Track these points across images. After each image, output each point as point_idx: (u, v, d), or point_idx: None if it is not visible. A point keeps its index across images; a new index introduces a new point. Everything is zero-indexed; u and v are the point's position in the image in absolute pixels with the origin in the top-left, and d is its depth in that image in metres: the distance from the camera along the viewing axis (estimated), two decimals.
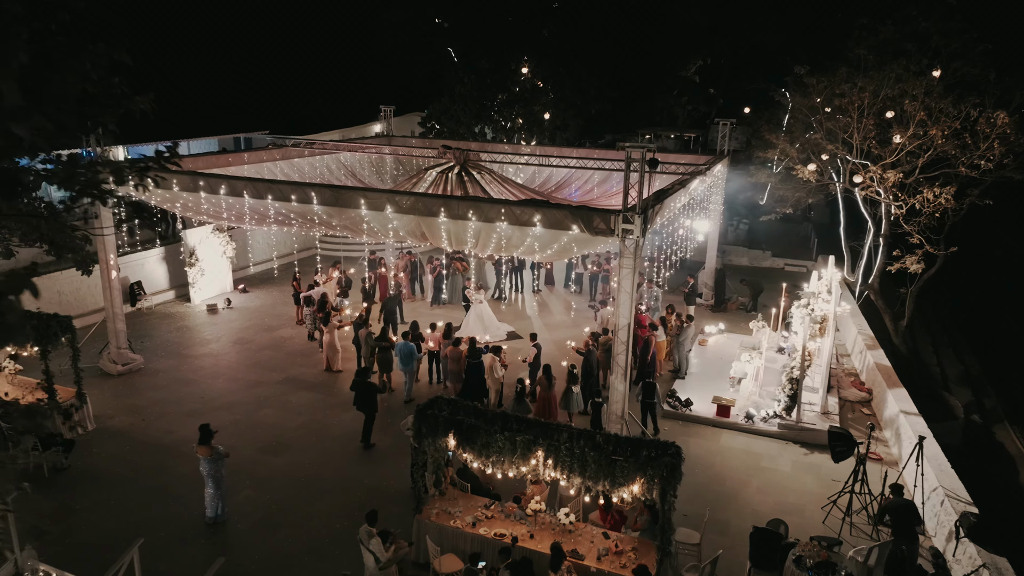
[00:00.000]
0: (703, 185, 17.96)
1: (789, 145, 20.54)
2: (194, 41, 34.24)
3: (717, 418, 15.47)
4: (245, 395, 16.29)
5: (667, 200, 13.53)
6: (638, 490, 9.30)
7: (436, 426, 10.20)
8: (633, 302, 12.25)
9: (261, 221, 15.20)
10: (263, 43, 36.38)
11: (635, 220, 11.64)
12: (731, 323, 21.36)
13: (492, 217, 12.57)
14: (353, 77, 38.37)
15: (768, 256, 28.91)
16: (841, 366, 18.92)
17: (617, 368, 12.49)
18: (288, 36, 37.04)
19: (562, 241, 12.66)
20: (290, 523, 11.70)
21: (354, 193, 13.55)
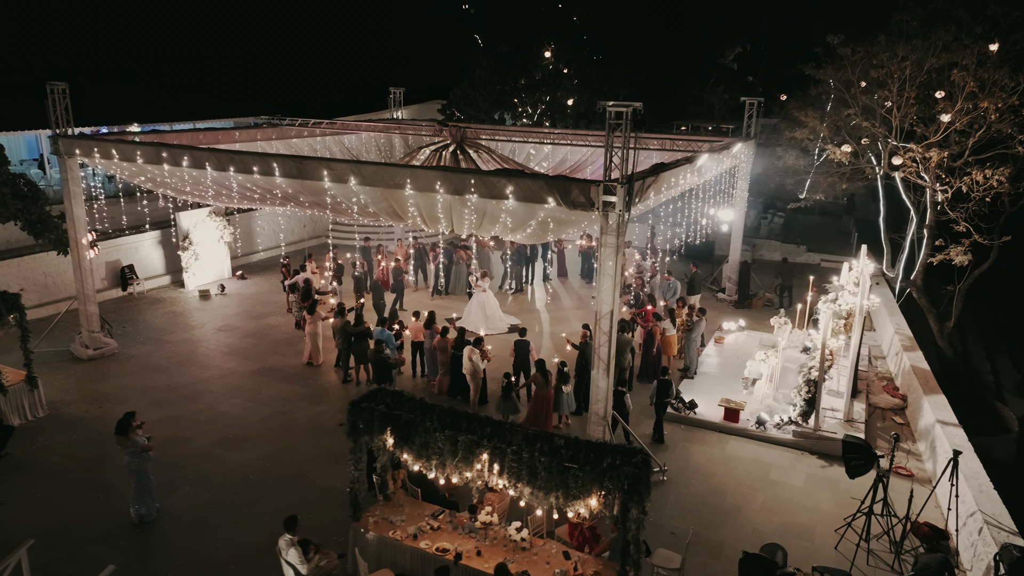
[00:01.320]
0: (718, 166, 16.21)
1: (820, 123, 18.54)
2: (218, 29, 33.77)
3: (724, 423, 13.77)
4: (215, 384, 15.24)
5: (664, 175, 11.92)
6: (596, 504, 7.77)
7: (372, 421, 8.85)
8: (617, 287, 10.70)
9: (226, 197, 14.11)
10: (284, 31, 35.72)
11: (618, 192, 10.09)
12: (755, 320, 19.51)
13: (461, 189, 11.17)
14: (375, 66, 37.42)
15: (803, 251, 26.79)
16: (874, 369, 16.94)
17: (598, 362, 10.96)
18: (308, 23, 36.27)
19: (539, 217, 11.18)
20: (224, 526, 10.50)
21: (317, 163, 12.31)
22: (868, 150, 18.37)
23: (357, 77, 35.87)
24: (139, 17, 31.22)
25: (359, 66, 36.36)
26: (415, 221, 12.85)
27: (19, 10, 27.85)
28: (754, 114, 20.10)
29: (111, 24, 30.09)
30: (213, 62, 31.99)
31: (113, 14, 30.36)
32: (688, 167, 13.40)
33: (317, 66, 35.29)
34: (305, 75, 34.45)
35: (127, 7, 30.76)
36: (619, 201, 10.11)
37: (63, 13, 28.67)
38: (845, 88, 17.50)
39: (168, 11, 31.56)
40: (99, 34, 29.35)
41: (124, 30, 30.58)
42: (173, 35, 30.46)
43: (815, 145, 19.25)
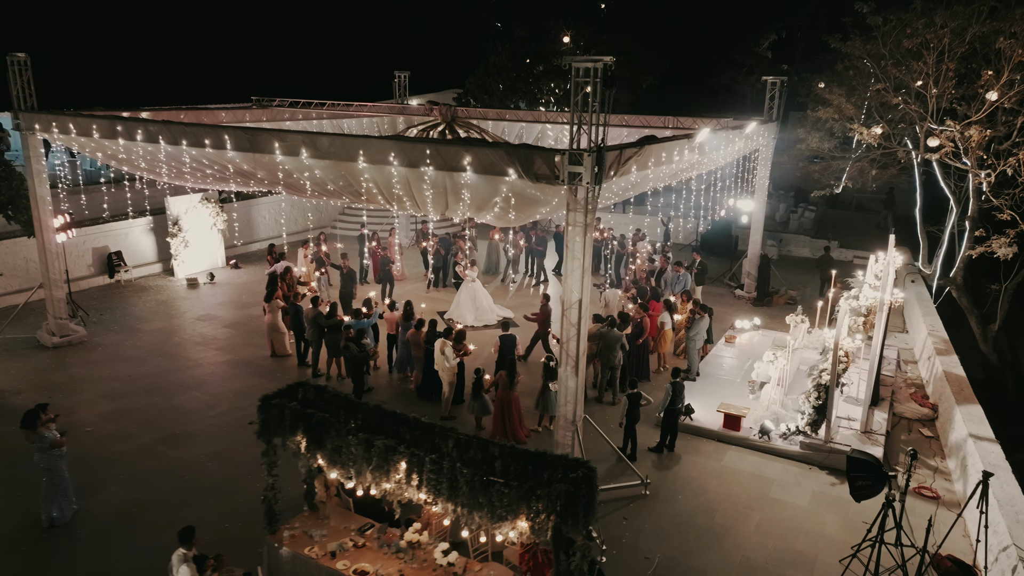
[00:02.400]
0: (728, 147, 14.62)
1: (846, 100, 16.75)
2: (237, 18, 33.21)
3: (724, 430, 12.25)
4: (178, 376, 14.29)
5: (651, 149, 10.47)
6: (526, 528, 6.44)
7: (282, 420, 7.66)
8: (586, 272, 9.31)
9: (179, 174, 13.13)
10: (300, 18, 35.01)
11: (585, 162, 8.71)
12: (774, 319, 17.84)
13: (416, 160, 9.92)
14: (390, 56, 36.50)
15: (835, 247, 24.81)
16: (903, 374, 15.17)
17: (566, 359, 9.58)
18: (320, 10, 35.48)
19: (502, 192, 9.86)
20: (145, 532, 9.44)
21: (269, 135, 11.18)
22: (901, 130, 16.54)
23: (372, 66, 34.99)
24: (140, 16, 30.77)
25: (373, 56, 35.45)
26: (377, 199, 11.65)
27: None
28: (777, 94, 18.42)
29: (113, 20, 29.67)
30: (212, 48, 31.35)
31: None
32: (685, 143, 11.92)
33: (328, 56, 34.48)
34: (314, 66, 33.66)
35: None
36: (586, 172, 8.73)
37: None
38: (875, 62, 15.72)
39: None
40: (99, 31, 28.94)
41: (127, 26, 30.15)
42: (172, 23, 29.95)
43: (841, 127, 17.42)
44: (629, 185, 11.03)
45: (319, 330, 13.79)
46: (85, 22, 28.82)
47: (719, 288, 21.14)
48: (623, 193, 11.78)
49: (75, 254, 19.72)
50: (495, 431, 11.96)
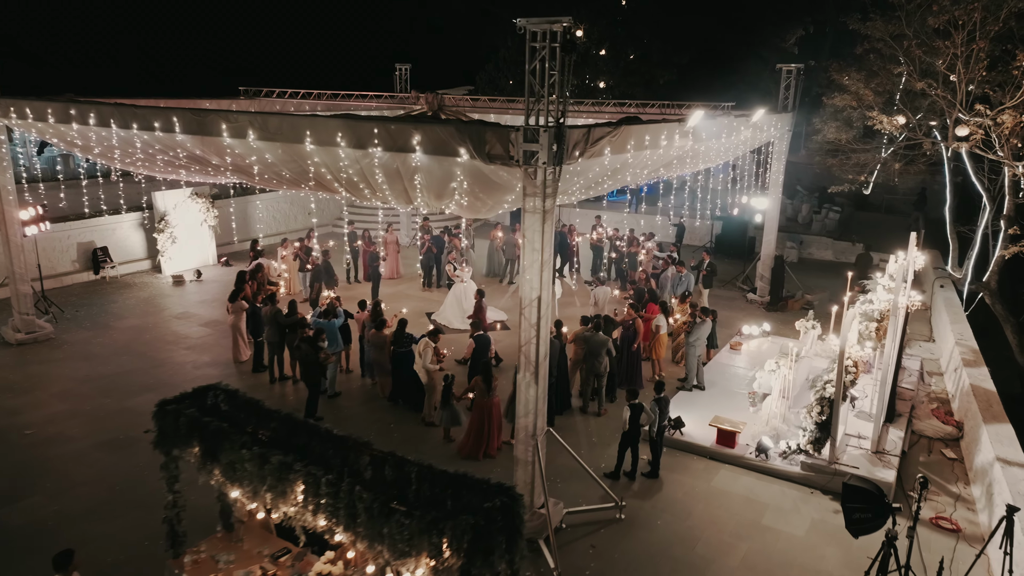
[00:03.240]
0: (731, 136, 13.35)
1: (864, 86, 15.34)
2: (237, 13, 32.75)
3: (716, 447, 11.01)
4: (138, 376, 13.49)
5: (629, 131, 9.32)
6: (432, 565, 5.34)
7: (177, 429, 6.68)
8: (547, 265, 8.20)
9: (131, 160, 12.34)
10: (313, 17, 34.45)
11: (542, 139, 7.61)
12: (786, 325, 16.47)
13: (364, 140, 8.91)
14: (403, 50, 35.75)
15: (859, 249, 23.26)
16: (925, 387, 13.73)
17: (525, 364, 8.46)
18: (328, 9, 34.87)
19: (457, 177, 8.82)
20: (52, 548, 8.49)
21: (216, 116, 10.28)
22: (927, 120, 15.08)
23: (386, 63, 34.26)
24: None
25: (383, 53, 34.68)
26: (333, 186, 10.69)
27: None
28: (792, 83, 17.08)
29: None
30: (214, 42, 30.85)
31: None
32: (675, 127, 10.73)
33: (339, 53, 33.82)
34: (326, 62, 33.01)
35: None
36: (543, 152, 7.63)
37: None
38: (897, 43, 14.31)
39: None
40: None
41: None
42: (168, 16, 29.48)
43: (860, 115, 15.98)
44: (606, 172, 9.84)
45: (278, 330, 12.87)
46: (80, 11, 28.46)
47: (731, 292, 19.82)
48: (599, 182, 10.57)
49: (58, 249, 19.21)
50: (467, 442, 10.90)
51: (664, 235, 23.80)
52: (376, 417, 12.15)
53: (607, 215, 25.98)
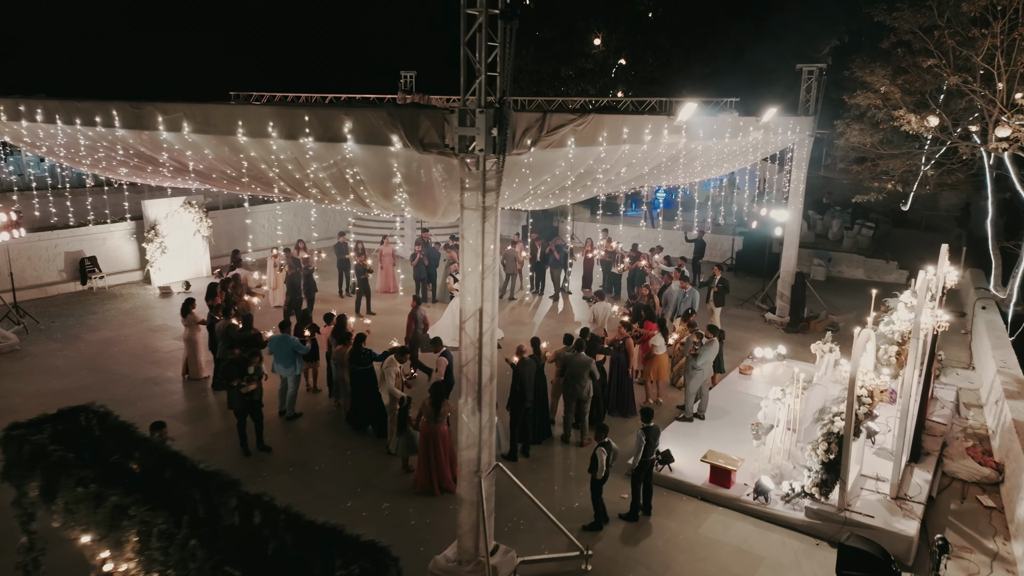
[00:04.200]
0: (739, 140, 11.99)
1: (890, 83, 13.82)
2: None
3: (709, 487, 9.58)
4: (90, 393, 12.52)
5: (601, 120, 8.11)
6: None
7: (20, 459, 5.62)
8: (491, 272, 6.98)
9: (76, 158, 11.56)
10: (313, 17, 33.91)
11: (478, 121, 6.44)
12: (805, 347, 14.87)
13: (295, 130, 7.86)
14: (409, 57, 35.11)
15: (893, 268, 21.52)
16: (962, 421, 12.07)
17: (467, 385, 7.23)
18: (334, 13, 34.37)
19: (396, 172, 7.70)
20: None
21: (152, 108, 9.39)
22: (964, 121, 13.50)
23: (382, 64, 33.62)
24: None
25: (378, 53, 34.01)
26: (279, 185, 9.68)
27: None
28: (813, 85, 15.67)
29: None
30: (209, 44, 30.40)
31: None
32: (663, 120, 9.47)
33: (349, 59, 33.23)
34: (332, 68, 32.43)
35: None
36: (480, 137, 6.46)
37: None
38: (928, 36, 12.83)
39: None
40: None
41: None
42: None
43: (886, 115, 14.42)
44: (575, 170, 8.53)
45: (230, 346, 11.85)
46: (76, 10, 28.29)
47: (748, 311, 18.30)
48: (568, 184, 9.23)
49: (45, 258, 18.67)
50: (420, 475, 9.68)
51: (683, 251, 22.39)
52: (333, 442, 11.02)
53: (622, 229, 24.74)
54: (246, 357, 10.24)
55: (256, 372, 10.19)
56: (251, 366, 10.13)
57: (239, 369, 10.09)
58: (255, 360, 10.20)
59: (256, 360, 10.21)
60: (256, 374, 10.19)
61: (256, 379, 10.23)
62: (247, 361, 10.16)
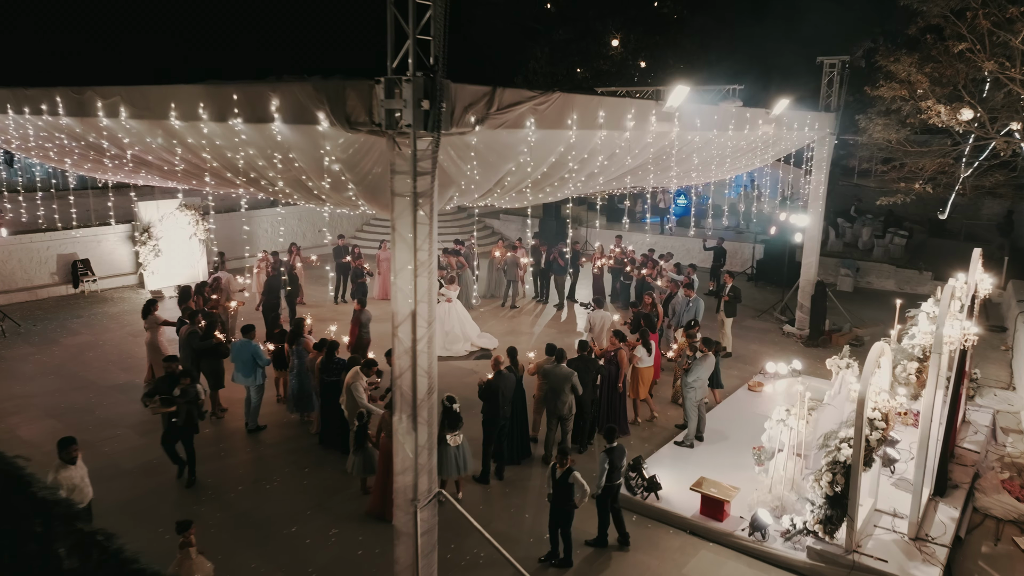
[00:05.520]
0: (746, 133, 10.87)
1: (917, 70, 12.55)
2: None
3: (699, 519, 8.46)
4: (52, 399, 11.97)
5: (569, 100, 7.13)
6: None
7: None
8: (426, 268, 6.03)
9: (26, 148, 10.96)
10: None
11: (404, 92, 5.52)
12: (824, 363, 13.65)
13: (224, 111, 7.04)
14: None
15: (927, 279, 20.02)
16: (998, 449, 10.72)
17: (400, 400, 6.27)
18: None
19: (328, 154, 6.82)
20: None
21: (92, 93, 8.68)
22: (1005, 117, 12.18)
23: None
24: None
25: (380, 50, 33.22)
26: (225, 176, 8.88)
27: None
28: (835, 79, 14.50)
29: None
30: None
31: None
32: (651, 106, 8.47)
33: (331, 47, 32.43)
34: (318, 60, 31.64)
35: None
36: (408, 111, 5.53)
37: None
38: (959, 19, 11.57)
39: None
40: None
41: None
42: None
43: (913, 108, 13.09)
44: (532, 158, 7.45)
45: (192, 355, 11.08)
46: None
47: (766, 323, 17.06)
48: (533, 176, 8.18)
49: (36, 260, 18.28)
50: (374, 496, 8.75)
51: (702, 260, 21.22)
52: (294, 459, 10.14)
53: (637, 237, 23.64)
54: (176, 373, 9.16)
55: (184, 395, 8.92)
56: (179, 387, 8.93)
57: (169, 386, 9.00)
58: (184, 381, 8.99)
59: (185, 381, 8.99)
60: (183, 397, 8.91)
61: (179, 403, 8.88)
62: (177, 379, 9.05)
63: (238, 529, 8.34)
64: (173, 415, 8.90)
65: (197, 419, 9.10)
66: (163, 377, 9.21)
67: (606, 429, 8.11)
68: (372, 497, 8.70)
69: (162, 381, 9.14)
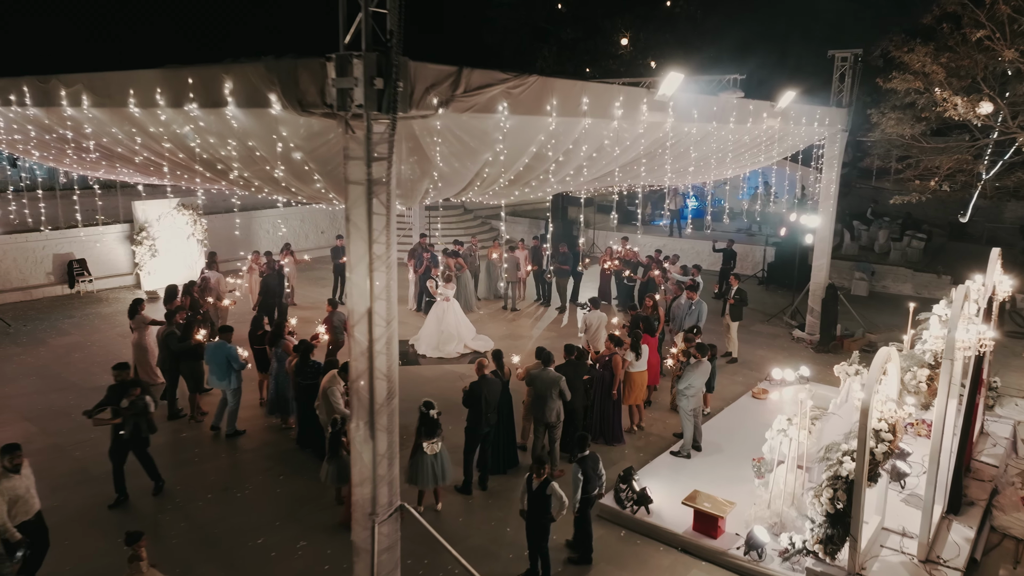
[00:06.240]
0: (748, 126, 10.31)
1: (932, 61, 11.88)
2: None
3: (692, 535, 7.90)
4: (29, 400, 11.67)
5: (548, 84, 6.65)
6: None
7: None
8: (382, 262, 5.54)
9: (19, 146, 10.65)
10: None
11: (356, 69, 5.06)
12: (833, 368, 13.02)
13: (180, 95, 6.64)
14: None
15: (946, 283, 19.20)
16: (1019, 462, 10.03)
17: (357, 406, 5.79)
18: None
19: (282, 135, 6.38)
20: None
21: (57, 81, 8.30)
22: (1023, 108, 11.50)
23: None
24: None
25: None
26: (203, 174, 8.49)
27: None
28: (847, 72, 13.88)
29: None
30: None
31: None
32: (641, 94, 7.97)
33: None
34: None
35: None
36: (360, 89, 5.06)
37: None
38: (977, 7, 10.93)
39: None
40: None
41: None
42: None
43: (928, 102, 12.40)
44: (504, 146, 6.91)
45: (170, 356, 10.69)
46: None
47: (775, 327, 16.43)
48: (513, 167, 7.66)
49: (32, 260, 18.08)
50: (347, 506, 8.25)
51: (711, 262, 20.61)
52: (269, 466, 9.70)
53: (648, 239, 23.08)
54: (126, 382, 8.54)
55: (132, 407, 8.23)
56: (127, 398, 8.26)
57: (118, 396, 8.37)
58: (133, 391, 8.30)
59: (135, 392, 8.31)
60: (131, 409, 8.23)
61: (126, 415, 8.22)
62: (127, 388, 8.39)
63: (201, 540, 7.90)
64: (120, 427, 8.26)
65: (146, 432, 8.43)
66: (112, 386, 8.51)
67: (577, 437, 7.59)
68: (345, 507, 8.23)
69: (111, 390, 8.46)
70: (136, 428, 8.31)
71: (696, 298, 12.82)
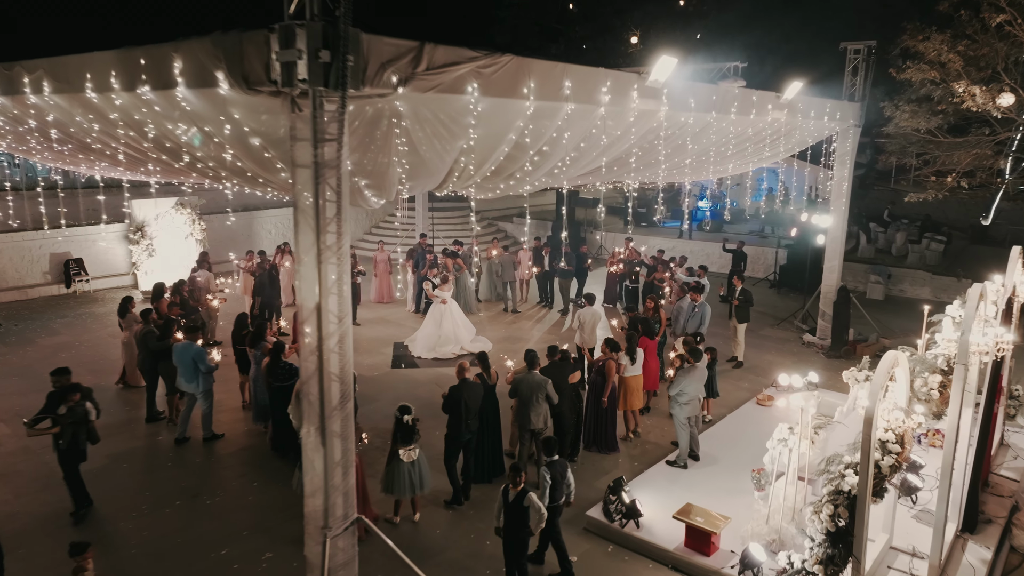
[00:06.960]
0: (751, 118, 9.75)
1: (949, 49, 11.23)
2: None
3: (684, 552, 7.35)
4: (9, 402, 11.35)
5: (525, 65, 6.18)
6: None
7: None
8: (331, 252, 5.08)
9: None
10: None
11: (299, 40, 4.61)
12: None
13: (133, 77, 6.24)
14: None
15: (966, 287, 18.25)
16: None
17: (307, 409, 5.33)
18: None
19: (233, 118, 5.97)
20: None
21: (20, 68, 7.96)
22: None
23: None
24: None
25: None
26: (174, 166, 8.10)
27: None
28: (860, 65, 13.27)
29: None
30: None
31: None
32: (632, 79, 7.47)
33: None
34: None
35: None
36: (304, 64, 4.61)
37: None
38: None
39: None
40: None
41: None
42: None
43: (944, 93, 11.73)
44: (474, 133, 6.39)
45: (149, 356, 10.31)
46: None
47: (785, 331, 15.80)
48: (493, 156, 7.16)
49: (28, 259, 17.92)
50: None
51: (721, 263, 20.02)
52: (243, 471, 9.28)
53: (656, 240, 22.51)
54: (65, 388, 7.97)
55: (70, 414, 7.67)
56: (66, 404, 7.71)
57: (56, 403, 7.78)
58: (72, 398, 7.74)
59: (74, 398, 7.73)
60: (69, 416, 7.66)
61: (63, 423, 7.63)
62: (65, 395, 7.81)
63: (161, 551, 7.47)
64: (58, 436, 7.72)
65: (84, 443, 7.87)
66: (51, 393, 7.98)
67: (543, 440, 7.10)
68: None
69: (51, 397, 7.93)
70: (75, 438, 7.71)
71: (700, 300, 12.25)
